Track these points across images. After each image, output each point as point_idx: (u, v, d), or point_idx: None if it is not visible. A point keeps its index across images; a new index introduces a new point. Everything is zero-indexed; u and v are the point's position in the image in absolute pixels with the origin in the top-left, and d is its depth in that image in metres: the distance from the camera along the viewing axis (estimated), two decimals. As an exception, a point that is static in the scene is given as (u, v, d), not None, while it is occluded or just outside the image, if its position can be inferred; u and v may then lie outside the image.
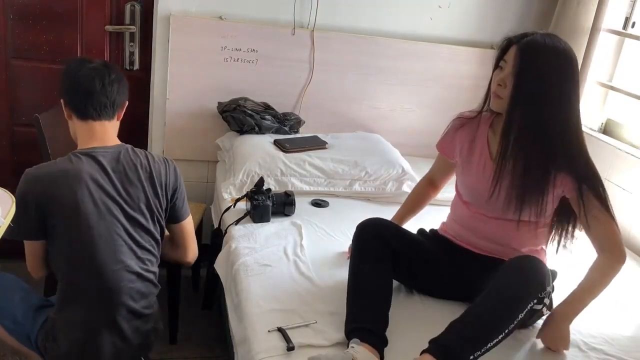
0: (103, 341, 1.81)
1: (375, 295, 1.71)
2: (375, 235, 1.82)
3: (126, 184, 1.81)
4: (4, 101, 2.84)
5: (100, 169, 1.77)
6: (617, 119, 2.90)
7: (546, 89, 1.69)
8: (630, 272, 2.35)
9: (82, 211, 1.72)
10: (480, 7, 3.09)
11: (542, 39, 1.70)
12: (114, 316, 1.82)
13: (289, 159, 2.58)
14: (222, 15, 2.79)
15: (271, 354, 1.56)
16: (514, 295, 1.59)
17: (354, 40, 2.95)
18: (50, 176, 1.73)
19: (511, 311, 1.57)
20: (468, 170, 1.92)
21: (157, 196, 1.88)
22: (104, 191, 1.77)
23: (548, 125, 1.71)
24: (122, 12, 2.82)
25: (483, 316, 1.58)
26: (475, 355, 1.52)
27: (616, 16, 2.87)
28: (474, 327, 1.56)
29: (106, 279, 1.78)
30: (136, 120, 3.00)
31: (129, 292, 1.83)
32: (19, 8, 2.71)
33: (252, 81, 2.88)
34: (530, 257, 1.72)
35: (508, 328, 1.57)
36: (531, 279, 1.62)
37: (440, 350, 1.52)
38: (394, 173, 2.65)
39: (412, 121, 3.13)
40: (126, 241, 1.81)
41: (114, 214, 1.78)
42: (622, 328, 1.94)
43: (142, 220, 1.84)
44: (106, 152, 1.82)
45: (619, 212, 2.64)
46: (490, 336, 1.55)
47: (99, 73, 1.80)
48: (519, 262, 1.68)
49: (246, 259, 1.99)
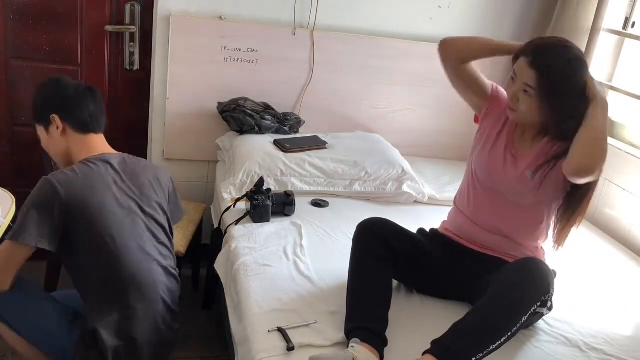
0: (144, 342, 1.83)
1: (375, 295, 1.71)
2: (375, 234, 1.82)
3: (138, 183, 1.89)
4: (4, 101, 2.84)
5: (115, 172, 1.86)
6: (617, 119, 2.90)
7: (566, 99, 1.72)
8: (630, 272, 2.35)
9: (110, 213, 1.77)
10: (480, 7, 3.09)
11: (555, 52, 1.73)
12: (154, 315, 1.85)
13: (289, 159, 2.58)
14: (222, 15, 2.79)
15: (271, 354, 1.56)
16: (518, 298, 1.59)
17: (354, 40, 2.95)
18: (75, 182, 1.76)
19: (515, 314, 1.57)
20: (489, 150, 1.92)
21: (163, 194, 1.97)
22: (124, 192, 1.84)
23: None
24: (122, 12, 2.82)
25: (487, 318, 1.58)
26: (477, 358, 1.52)
27: (616, 16, 2.88)
28: (477, 329, 1.56)
29: (141, 276, 1.81)
30: (136, 120, 3.00)
31: (161, 286, 1.87)
32: (19, 8, 2.71)
33: (252, 81, 2.88)
34: (534, 259, 1.73)
35: (511, 331, 1.57)
36: (536, 282, 1.62)
37: (442, 352, 1.52)
38: (394, 173, 2.65)
39: (412, 121, 3.13)
40: (149, 237, 1.87)
41: (135, 212, 1.84)
42: (622, 328, 1.94)
43: (156, 215, 1.91)
44: (113, 156, 1.91)
45: (619, 212, 2.65)
46: (493, 339, 1.55)
47: (89, 90, 1.95)
48: (524, 264, 1.68)
49: (246, 259, 1.99)
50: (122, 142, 3.05)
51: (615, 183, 2.69)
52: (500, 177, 1.88)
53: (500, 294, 1.61)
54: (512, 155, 1.87)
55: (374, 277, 1.74)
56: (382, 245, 1.80)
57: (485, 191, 1.92)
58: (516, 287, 1.61)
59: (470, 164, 1.99)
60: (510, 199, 1.87)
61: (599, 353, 1.77)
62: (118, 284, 1.80)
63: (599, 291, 2.16)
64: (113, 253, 1.77)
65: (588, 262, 2.35)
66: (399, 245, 1.84)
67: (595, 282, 2.21)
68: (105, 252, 1.77)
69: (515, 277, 1.64)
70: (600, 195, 2.75)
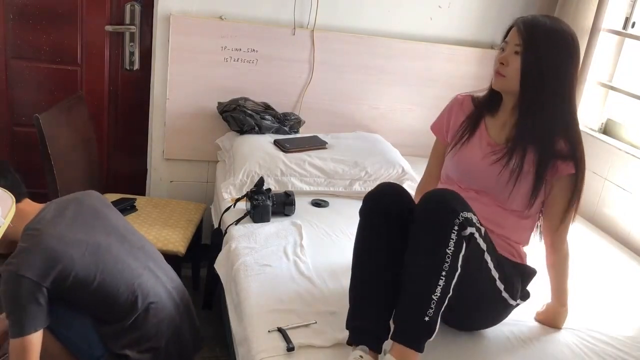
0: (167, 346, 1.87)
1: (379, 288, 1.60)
2: (380, 213, 1.66)
3: (86, 214, 1.86)
4: (4, 101, 2.84)
5: (58, 219, 1.79)
6: (617, 119, 2.90)
7: (549, 65, 1.69)
8: (630, 272, 2.35)
9: (79, 263, 1.72)
10: (480, 7, 3.09)
11: (542, 19, 1.73)
12: (168, 318, 1.87)
13: (289, 159, 2.58)
14: (222, 15, 2.79)
15: (271, 354, 1.56)
16: (424, 233, 1.52)
17: (354, 40, 2.95)
18: (32, 259, 1.68)
19: (435, 250, 1.49)
20: (463, 149, 1.86)
21: (114, 210, 2.01)
22: (78, 231, 1.78)
23: (554, 102, 1.71)
24: (122, 12, 2.82)
25: (412, 273, 1.51)
26: (429, 313, 1.46)
27: (616, 16, 2.88)
28: (410, 287, 1.51)
29: (143, 294, 1.82)
30: (136, 120, 3.00)
31: (162, 288, 1.89)
32: (19, 8, 2.72)
33: (252, 81, 2.88)
34: (434, 190, 1.64)
35: (444, 269, 1.47)
36: (435, 208, 1.54)
37: (399, 333, 1.50)
38: (394, 173, 2.65)
39: (412, 121, 3.13)
40: (128, 249, 1.87)
41: (100, 239, 1.81)
42: (622, 328, 1.94)
43: (122, 226, 1.92)
44: (45, 211, 1.81)
45: (618, 212, 2.65)
46: (431, 285, 1.47)
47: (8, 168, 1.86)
48: (422, 200, 1.59)
49: (246, 259, 1.99)
50: (123, 142, 3.07)
51: (614, 183, 2.69)
52: (480, 171, 1.81)
53: (412, 243, 1.55)
54: (489, 144, 1.82)
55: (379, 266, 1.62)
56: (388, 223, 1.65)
57: (469, 185, 1.85)
58: (421, 225, 1.54)
59: (443, 175, 1.95)
60: (500, 197, 1.79)
61: (599, 353, 1.77)
62: (123, 311, 1.81)
63: (599, 291, 2.16)
64: (107, 289, 1.77)
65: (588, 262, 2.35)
66: None
67: (594, 282, 2.21)
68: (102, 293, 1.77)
69: (419, 218, 1.56)
70: (599, 195, 2.75)
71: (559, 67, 1.70)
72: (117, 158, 3.09)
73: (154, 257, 1.98)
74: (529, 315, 1.88)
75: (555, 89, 1.71)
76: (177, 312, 1.93)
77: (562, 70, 1.71)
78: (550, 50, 1.69)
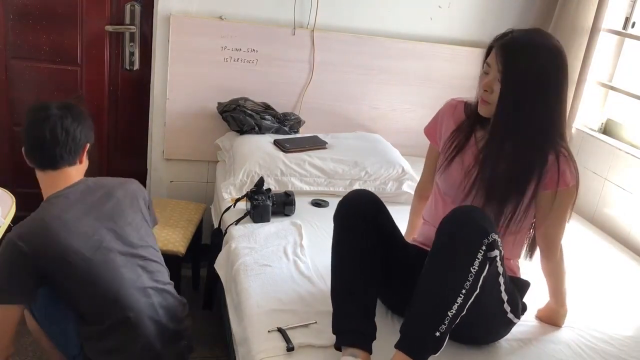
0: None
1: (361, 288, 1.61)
2: (358, 215, 1.67)
3: (107, 206, 1.82)
4: (4, 101, 2.84)
5: (78, 204, 1.77)
6: (617, 119, 2.90)
7: (529, 89, 1.62)
8: (630, 272, 2.35)
9: (75, 252, 1.70)
10: (480, 7, 3.09)
11: (521, 37, 1.64)
12: (144, 340, 1.80)
13: (289, 159, 2.58)
14: (222, 15, 2.79)
15: (271, 354, 1.56)
16: (453, 251, 1.49)
17: (354, 40, 2.95)
18: (38, 233, 1.68)
19: (459, 267, 1.47)
20: (451, 167, 1.82)
21: (139, 207, 1.91)
22: (88, 223, 1.76)
23: (533, 127, 1.64)
24: (122, 12, 2.82)
25: (431, 287, 1.49)
26: (441, 329, 1.45)
27: (616, 16, 2.88)
28: (427, 303, 1.48)
29: (122, 304, 1.76)
30: (136, 120, 3.00)
31: (148, 309, 1.81)
32: (19, 8, 2.71)
33: (252, 81, 2.88)
34: (462, 207, 1.61)
35: (464, 287, 1.46)
36: (466, 227, 1.50)
37: (407, 343, 1.47)
38: (394, 173, 2.65)
39: (412, 121, 3.13)
40: (127, 260, 1.81)
41: (105, 238, 1.77)
42: (622, 328, 1.94)
43: (134, 233, 1.85)
44: (74, 187, 1.80)
45: (618, 212, 2.66)
46: (448, 303, 1.45)
47: (50, 123, 1.74)
48: (451, 217, 1.56)
49: (246, 259, 1.99)
50: (123, 142, 3.07)
51: (614, 183, 2.69)
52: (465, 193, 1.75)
53: (435, 257, 1.52)
54: (476, 159, 1.75)
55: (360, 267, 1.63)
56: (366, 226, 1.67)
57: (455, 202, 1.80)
58: (447, 240, 1.51)
59: (435, 184, 1.92)
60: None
61: (599, 353, 1.78)
62: (100, 311, 1.77)
63: (599, 291, 2.16)
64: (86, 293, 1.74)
65: (588, 262, 2.35)
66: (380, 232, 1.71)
67: (595, 282, 2.21)
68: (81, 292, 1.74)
69: (445, 232, 1.53)
70: (599, 195, 2.75)
71: (540, 92, 1.62)
72: (117, 158, 3.09)
73: (157, 278, 1.89)
74: (529, 314, 1.88)
75: (533, 115, 1.63)
76: (160, 339, 1.83)
77: (544, 93, 1.63)
78: (531, 73, 1.62)
